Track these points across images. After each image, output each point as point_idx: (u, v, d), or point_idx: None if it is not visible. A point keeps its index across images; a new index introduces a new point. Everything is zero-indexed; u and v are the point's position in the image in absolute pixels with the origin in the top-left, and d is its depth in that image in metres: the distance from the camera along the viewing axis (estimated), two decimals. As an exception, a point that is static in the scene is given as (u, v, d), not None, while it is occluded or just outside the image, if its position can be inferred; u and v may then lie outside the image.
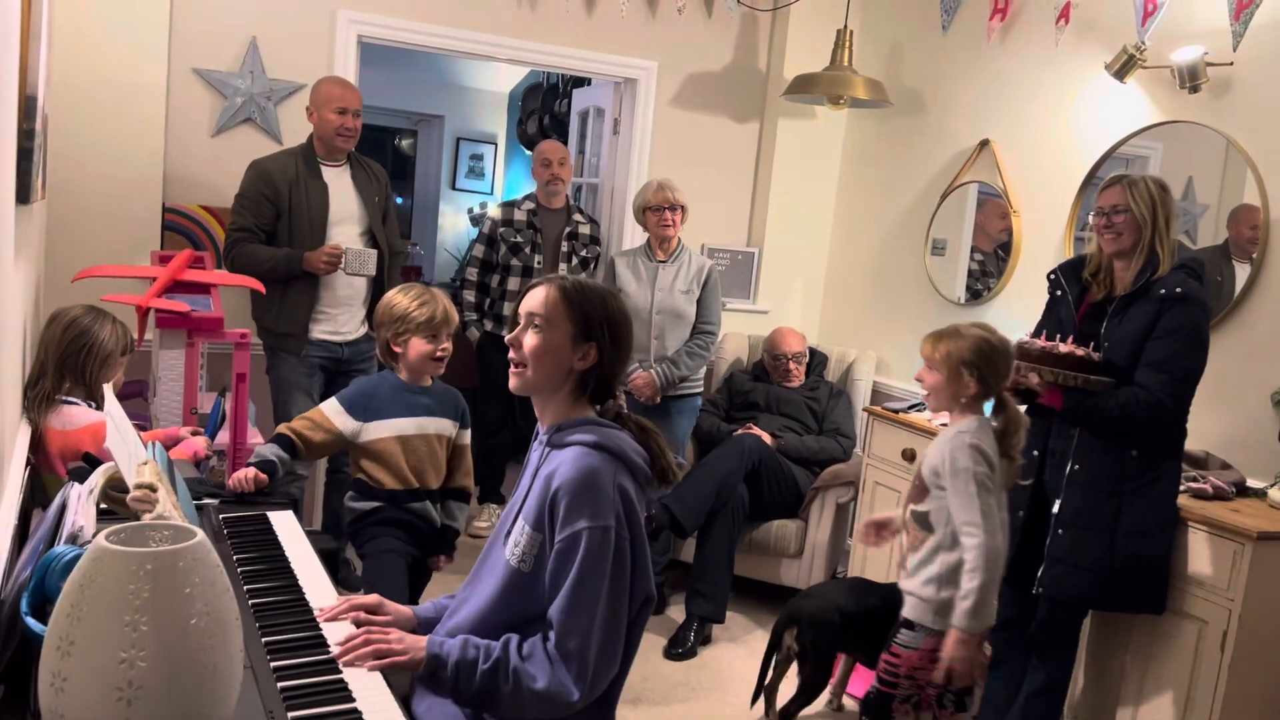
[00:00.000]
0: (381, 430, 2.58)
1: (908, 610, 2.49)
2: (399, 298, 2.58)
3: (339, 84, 3.61)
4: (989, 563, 2.32)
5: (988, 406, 2.52)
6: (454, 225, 8.04)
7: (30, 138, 1.90)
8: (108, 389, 1.93)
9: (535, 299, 1.73)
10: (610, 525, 1.60)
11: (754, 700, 3.09)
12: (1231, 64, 3.05)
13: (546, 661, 1.58)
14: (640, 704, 3.18)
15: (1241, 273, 3.07)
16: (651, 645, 3.57)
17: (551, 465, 1.66)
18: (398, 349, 2.57)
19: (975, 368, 2.42)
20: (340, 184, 3.64)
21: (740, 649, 3.66)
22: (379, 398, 2.58)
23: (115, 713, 1.05)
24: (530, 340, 1.72)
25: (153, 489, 1.56)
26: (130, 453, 1.72)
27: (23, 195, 1.89)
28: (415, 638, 1.65)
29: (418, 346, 2.56)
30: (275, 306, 3.55)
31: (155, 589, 1.08)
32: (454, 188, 7.95)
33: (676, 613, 3.81)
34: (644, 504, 1.71)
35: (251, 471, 2.33)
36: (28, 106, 1.87)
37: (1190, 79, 3.11)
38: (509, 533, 1.71)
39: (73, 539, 1.53)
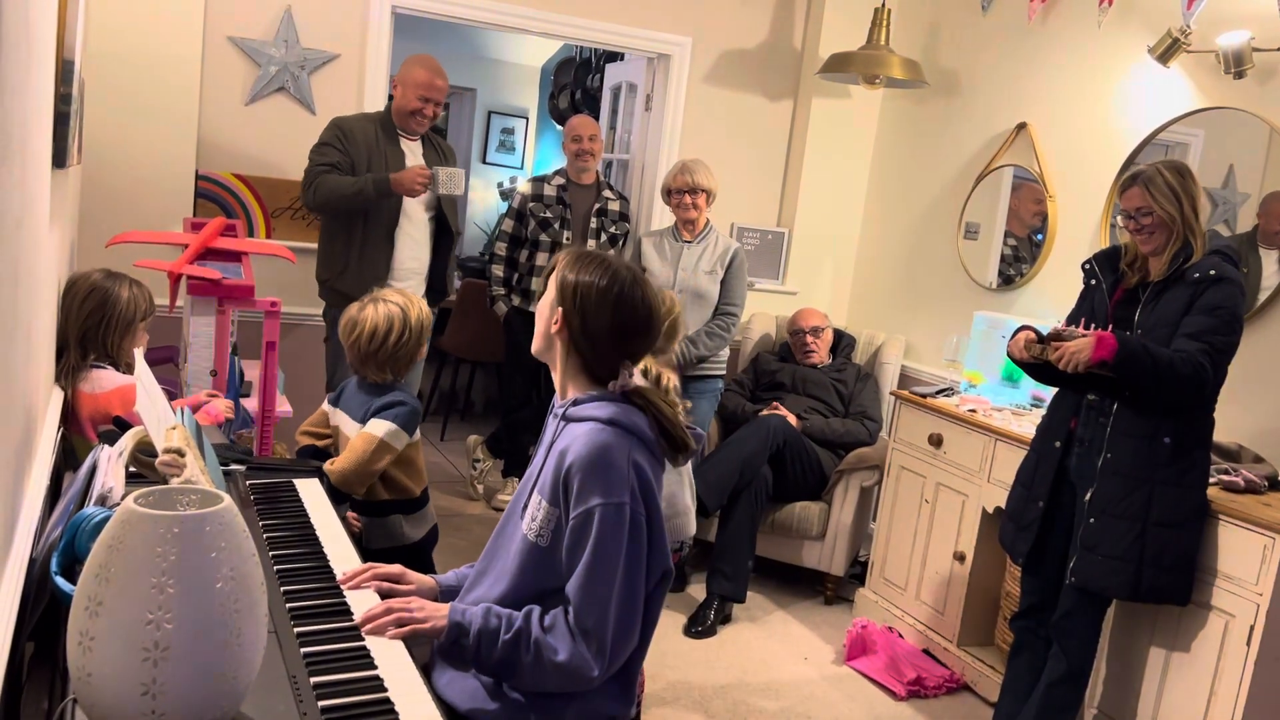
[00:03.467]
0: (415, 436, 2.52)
1: None
2: (407, 311, 2.45)
3: (432, 71, 3.66)
4: None
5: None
6: (484, 199, 8.04)
7: (66, 102, 1.91)
8: (138, 353, 1.94)
9: None
10: (624, 502, 1.59)
11: None
12: (1279, 50, 2.99)
13: (568, 634, 1.59)
14: (658, 681, 3.19)
15: (1269, 260, 3.02)
16: (672, 623, 3.58)
17: (565, 441, 1.66)
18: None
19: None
20: (415, 158, 3.71)
21: (760, 629, 3.67)
22: (418, 406, 2.51)
23: (141, 672, 1.07)
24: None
25: (181, 453, 1.58)
26: (159, 417, 1.73)
27: (58, 159, 1.90)
28: (437, 605, 1.65)
29: (424, 349, 2.55)
30: (351, 268, 3.59)
31: (182, 552, 1.09)
32: (484, 161, 7.95)
33: (697, 591, 3.82)
34: (661, 479, 1.70)
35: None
36: (64, 71, 1.88)
37: (1235, 64, 3.04)
38: (525, 506, 1.71)
39: (102, 500, 1.55)
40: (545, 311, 1.74)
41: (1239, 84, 3.10)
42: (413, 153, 3.71)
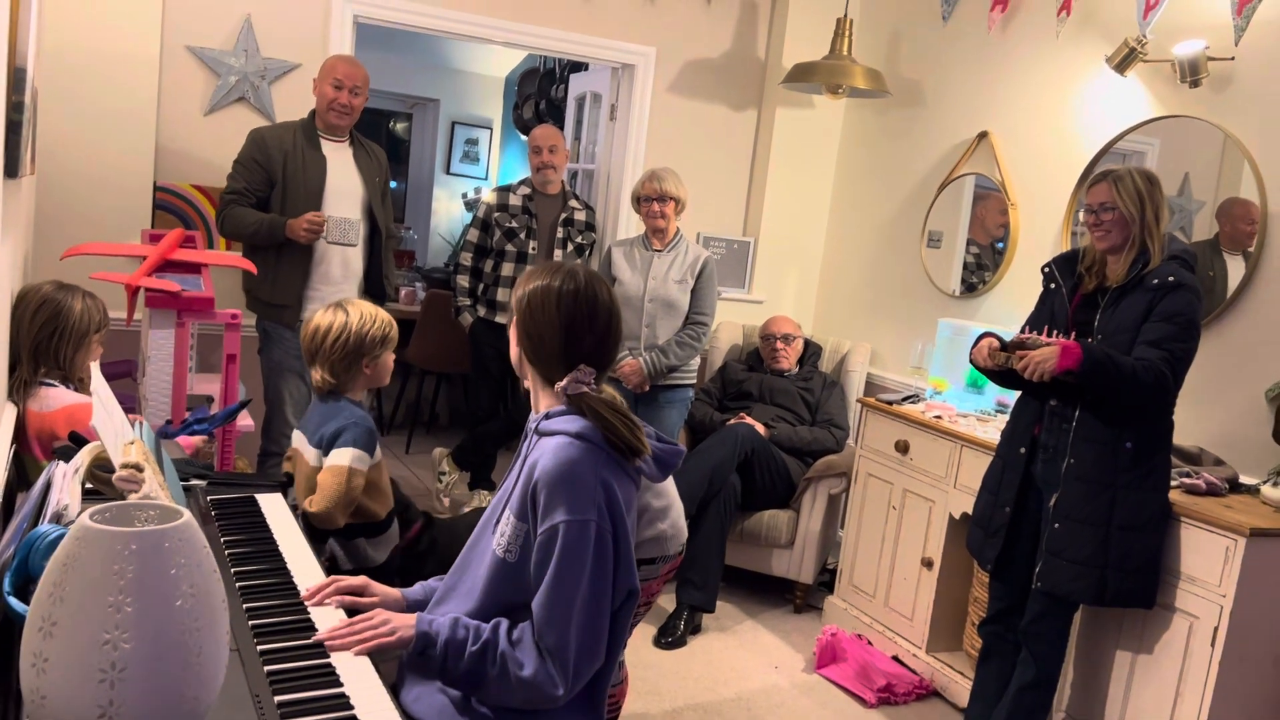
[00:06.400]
0: (377, 456, 2.46)
1: None
2: (363, 318, 2.39)
3: (342, 59, 3.61)
4: None
5: None
6: (448, 210, 8.00)
7: (19, 110, 1.87)
8: (94, 366, 1.90)
9: None
10: (590, 519, 1.56)
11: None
12: (1233, 59, 3.04)
13: (534, 651, 1.56)
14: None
15: (1234, 265, 3.07)
16: (641, 634, 3.56)
17: (535, 455, 1.63)
18: (368, 371, 2.43)
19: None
20: (340, 159, 3.62)
21: (731, 639, 3.66)
22: (370, 424, 2.44)
23: (98, 694, 1.03)
24: None
25: (139, 469, 1.54)
26: (117, 431, 1.69)
27: (11, 169, 1.86)
28: (403, 616, 1.62)
29: (389, 360, 2.46)
30: (269, 276, 3.52)
31: (140, 569, 1.05)
32: (448, 172, 7.91)
33: (666, 601, 3.80)
34: (633, 495, 1.67)
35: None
36: (16, 78, 1.84)
37: (1191, 73, 3.09)
38: (497, 522, 1.68)
39: (57, 518, 1.51)
40: (512, 332, 1.74)
41: (1194, 92, 3.15)
42: (337, 155, 3.62)
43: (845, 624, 3.69)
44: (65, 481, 1.64)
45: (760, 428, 3.92)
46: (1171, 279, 2.53)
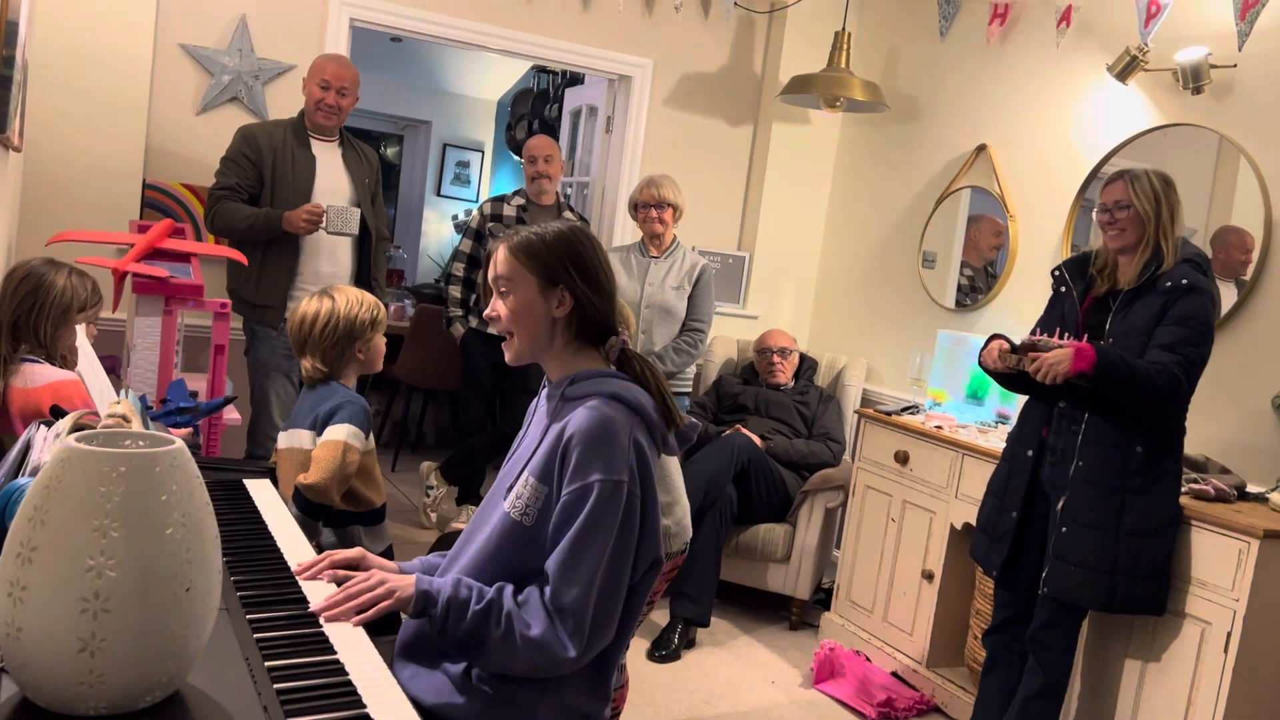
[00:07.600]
0: (370, 443, 2.42)
1: None
2: (349, 302, 2.34)
3: (331, 59, 3.56)
4: None
5: None
6: (438, 232, 7.96)
7: (9, 66, 1.81)
8: (80, 330, 1.82)
9: (493, 264, 1.66)
10: (623, 480, 1.51)
11: None
12: (1235, 65, 3.04)
13: (543, 611, 1.49)
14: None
15: (1226, 292, 3.02)
16: (634, 646, 3.46)
17: (566, 417, 1.57)
18: (361, 355, 2.39)
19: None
20: (329, 159, 3.56)
21: (726, 654, 3.56)
22: (364, 404, 2.41)
23: (79, 625, 0.95)
24: (503, 308, 1.64)
25: (126, 419, 1.46)
26: (104, 391, 1.62)
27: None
28: (401, 577, 1.55)
29: (380, 343, 2.42)
30: (254, 276, 3.43)
31: (129, 493, 0.98)
32: (439, 194, 7.87)
33: (660, 615, 3.70)
34: (657, 462, 1.62)
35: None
36: (8, 32, 1.78)
37: (1193, 79, 3.09)
38: (510, 488, 1.61)
39: (36, 473, 1.43)
40: (533, 303, 1.61)
41: (1196, 100, 3.14)
42: (327, 154, 3.57)
43: (843, 640, 3.60)
44: (46, 443, 1.56)
45: (756, 439, 3.85)
46: (1185, 282, 2.49)
